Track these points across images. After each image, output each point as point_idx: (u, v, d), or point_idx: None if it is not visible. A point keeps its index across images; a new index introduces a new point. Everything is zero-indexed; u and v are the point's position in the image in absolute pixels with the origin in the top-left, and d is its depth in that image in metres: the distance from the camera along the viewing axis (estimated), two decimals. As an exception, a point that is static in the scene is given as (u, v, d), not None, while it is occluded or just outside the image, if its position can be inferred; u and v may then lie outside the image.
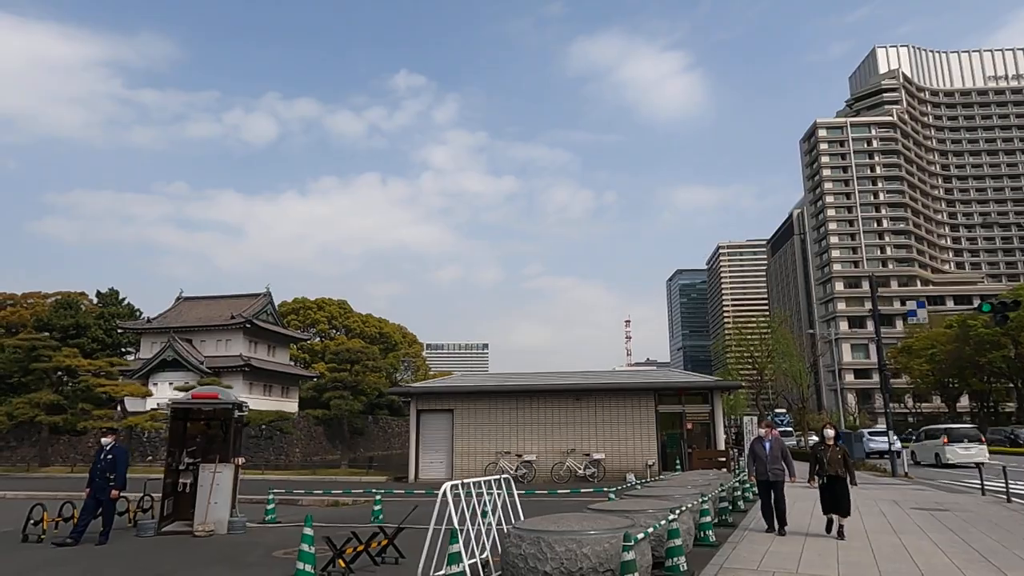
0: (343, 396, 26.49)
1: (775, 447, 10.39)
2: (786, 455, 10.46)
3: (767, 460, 10.32)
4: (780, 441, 10.56)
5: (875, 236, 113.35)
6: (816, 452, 10.10)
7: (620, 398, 22.83)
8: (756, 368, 26.82)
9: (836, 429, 10.41)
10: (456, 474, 23.82)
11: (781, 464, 10.32)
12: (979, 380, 64.82)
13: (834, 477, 9.76)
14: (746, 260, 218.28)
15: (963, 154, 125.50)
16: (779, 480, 10.26)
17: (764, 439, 10.44)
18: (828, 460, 9.83)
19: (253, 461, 38.61)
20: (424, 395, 24.61)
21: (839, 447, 9.96)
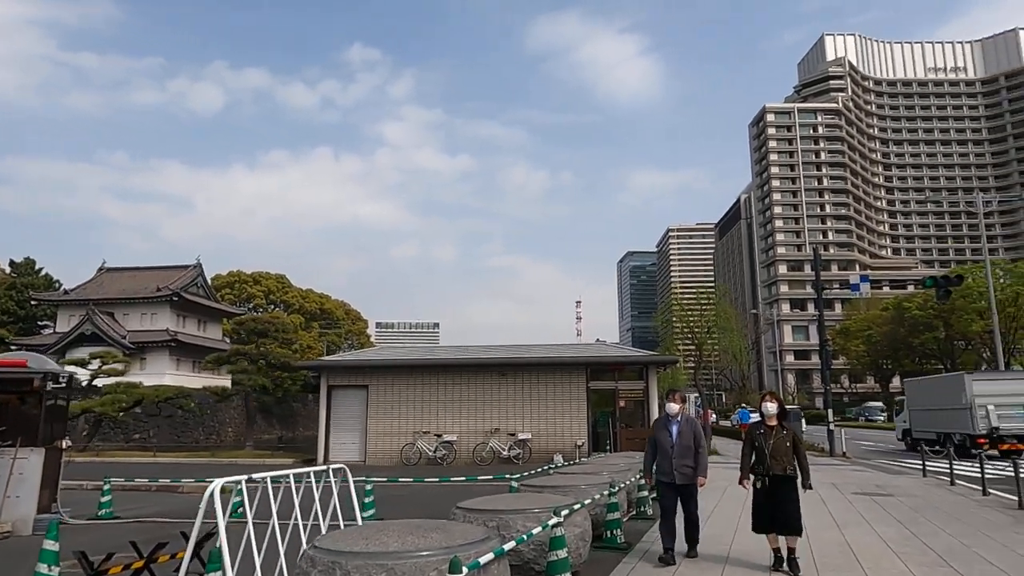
0: (246, 371, 23.98)
1: (686, 432, 6.82)
2: (700, 444, 6.84)
3: (673, 452, 6.76)
4: (694, 423, 6.99)
5: (818, 221, 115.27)
6: (752, 437, 6.48)
7: (549, 374, 21.09)
8: (695, 343, 25.52)
9: (780, 402, 6.52)
10: (370, 456, 21.75)
11: (693, 457, 6.78)
12: (911, 361, 66.21)
13: (779, 477, 6.23)
14: (695, 243, 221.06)
15: (902, 143, 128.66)
16: (691, 483, 6.81)
17: (671, 419, 6.90)
18: (771, 450, 6.25)
19: (180, 442, 35.97)
20: (335, 369, 22.34)
21: (786, 430, 6.39)
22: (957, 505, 10.86)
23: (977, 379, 22.63)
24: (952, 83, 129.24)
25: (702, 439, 6.90)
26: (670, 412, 6.90)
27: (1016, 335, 49.94)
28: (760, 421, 6.62)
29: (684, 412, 6.96)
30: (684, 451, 6.75)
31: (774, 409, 6.43)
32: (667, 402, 6.96)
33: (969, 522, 9.27)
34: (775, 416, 6.41)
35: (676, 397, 6.99)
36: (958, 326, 54.40)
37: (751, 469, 6.50)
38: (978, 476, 12.60)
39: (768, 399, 6.54)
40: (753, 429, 6.58)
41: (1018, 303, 49.48)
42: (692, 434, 6.82)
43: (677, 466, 6.73)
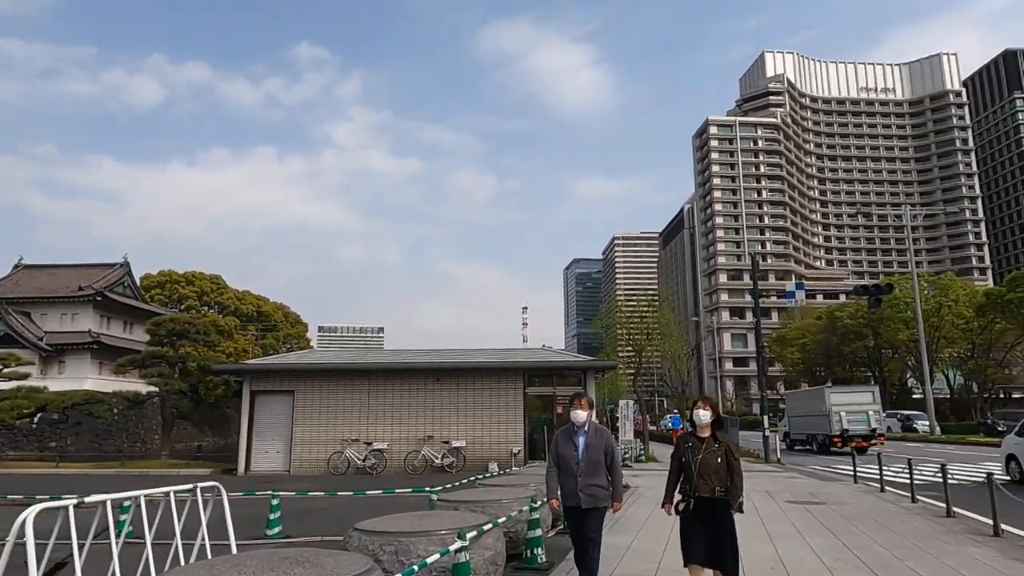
0: (162, 374, 22.38)
1: (595, 445, 5.42)
2: (613, 459, 5.47)
3: (578, 469, 5.35)
4: (605, 434, 5.62)
5: (757, 232, 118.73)
6: (680, 450, 5.24)
7: (486, 379, 20.40)
8: (635, 348, 25.34)
9: (715, 409, 5.28)
10: (295, 466, 20.56)
11: (603, 476, 5.39)
12: (843, 368, 68.54)
13: (707, 500, 4.99)
14: (640, 251, 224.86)
15: (836, 159, 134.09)
16: (598, 507, 5.37)
17: (577, 430, 5.50)
18: (700, 467, 5.03)
19: (100, 451, 33.71)
20: (260, 373, 21.07)
21: (719, 443, 5.15)
22: (888, 513, 10.70)
23: (833, 391, 28.08)
24: (882, 103, 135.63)
25: (615, 453, 5.51)
26: (576, 421, 5.47)
27: (938, 344, 52.16)
28: (690, 432, 5.30)
29: (593, 421, 5.61)
30: (592, 468, 5.32)
31: (707, 417, 5.12)
32: (572, 409, 5.52)
33: (900, 532, 9.05)
34: (708, 426, 5.14)
35: (582, 403, 5.50)
36: (886, 335, 56.51)
37: (678, 490, 5.22)
38: (906, 482, 12.58)
39: (701, 405, 5.20)
40: (681, 442, 5.28)
41: (940, 314, 51.73)
42: (603, 448, 5.40)
43: (583, 486, 5.29)
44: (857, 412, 26.12)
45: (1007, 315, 45.72)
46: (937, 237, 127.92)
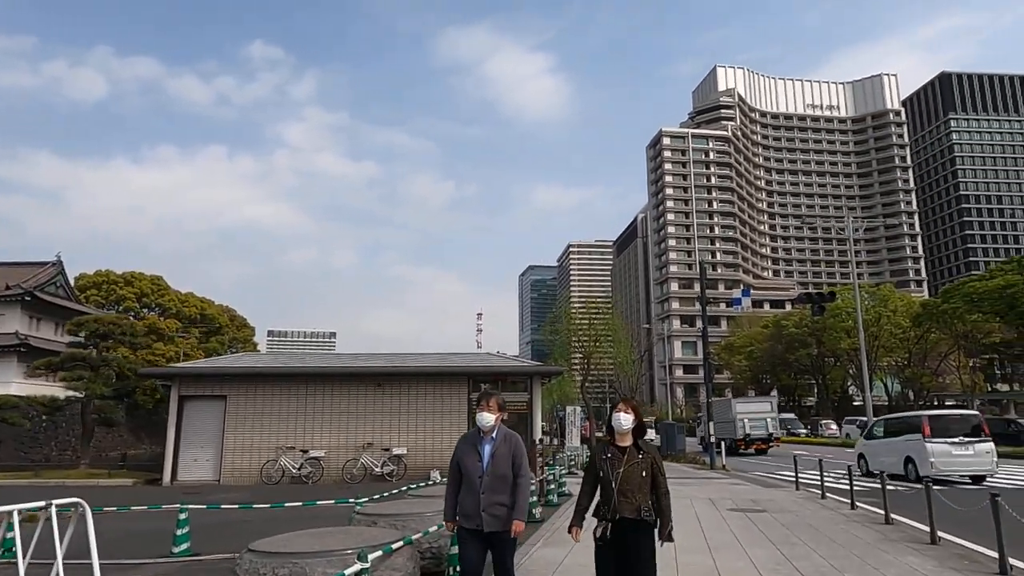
0: (83, 378, 20.98)
1: (502, 454, 4.51)
2: (520, 471, 4.50)
3: (481, 484, 4.43)
4: (515, 442, 4.63)
5: (708, 242, 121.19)
6: (596, 462, 4.39)
7: (429, 384, 19.76)
8: (583, 354, 25.13)
9: (637, 413, 4.43)
10: (226, 475, 19.48)
11: (510, 493, 4.46)
12: (788, 376, 70.28)
13: (629, 522, 4.17)
14: (594, 259, 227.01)
15: (783, 172, 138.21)
16: (505, 530, 4.44)
17: (483, 436, 4.58)
18: (621, 482, 4.20)
19: (26, 459, 31.54)
20: (189, 377, 19.93)
21: (644, 453, 4.32)
22: (828, 521, 10.56)
23: (738, 402, 33.54)
24: (827, 120, 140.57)
25: (524, 464, 4.50)
26: (483, 425, 4.52)
27: (878, 353, 53.86)
28: (608, 440, 4.40)
29: (502, 426, 4.65)
30: (499, 483, 4.39)
31: (628, 423, 4.26)
32: (478, 411, 4.56)
33: (839, 541, 8.86)
34: (630, 432, 4.28)
35: (490, 403, 4.55)
36: (829, 343, 58.12)
37: (595, 510, 4.31)
38: (847, 488, 12.53)
39: (621, 408, 4.34)
40: (598, 452, 4.40)
41: (880, 324, 53.46)
42: (511, 458, 4.45)
43: (486, 504, 4.35)
44: (757, 419, 30.36)
45: (941, 325, 47.53)
46: (877, 250, 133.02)
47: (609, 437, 4.42)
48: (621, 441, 4.33)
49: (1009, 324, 43.15)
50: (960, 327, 45.91)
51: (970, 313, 43.38)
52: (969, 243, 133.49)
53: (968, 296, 43.05)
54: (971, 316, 43.83)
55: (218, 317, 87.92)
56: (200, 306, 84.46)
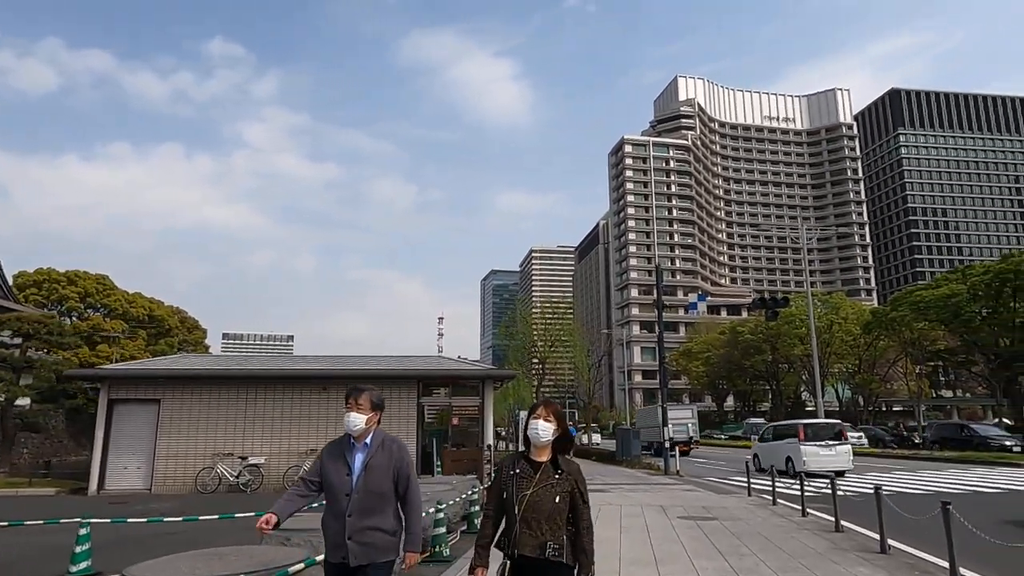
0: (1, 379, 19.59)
1: (380, 466, 3.50)
2: (408, 487, 3.55)
3: (349, 502, 3.41)
4: (398, 451, 3.60)
5: (667, 248, 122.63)
6: (501, 476, 3.34)
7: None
8: (539, 357, 24.71)
9: (560, 420, 3.38)
10: (158, 483, 18.37)
11: (390, 515, 3.51)
12: (744, 381, 71.28)
13: (530, 563, 3.14)
14: (556, 265, 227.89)
15: (741, 182, 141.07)
16: (378, 563, 3.42)
17: (354, 443, 3.56)
18: (526, 507, 3.17)
19: None
20: (120, 379, 18.77)
21: (562, 472, 3.27)
22: (778, 529, 10.27)
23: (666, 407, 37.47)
24: (783, 131, 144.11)
25: (411, 478, 3.55)
26: (351, 428, 3.51)
27: (829, 359, 54.94)
28: (522, 452, 3.42)
29: (380, 431, 3.61)
30: (371, 502, 3.41)
31: (548, 433, 3.26)
32: (347, 411, 3.56)
33: (789, 550, 8.54)
34: (549, 446, 3.29)
35: (360, 401, 3.56)
36: (783, 350, 59.09)
37: (496, 542, 3.30)
38: (798, 494, 12.33)
39: (540, 414, 3.31)
40: (505, 465, 3.37)
41: (832, 331, 54.57)
42: (391, 470, 3.48)
43: (354, 530, 3.35)
44: (680, 424, 33.35)
45: (890, 332, 48.70)
46: (830, 259, 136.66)
47: (523, 449, 3.41)
48: (537, 455, 3.31)
49: (953, 332, 44.39)
50: (907, 334, 47.09)
51: (917, 321, 44.50)
52: (916, 254, 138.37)
53: (915, 304, 44.14)
54: (918, 324, 44.98)
55: (167, 318, 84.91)
56: (148, 307, 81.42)
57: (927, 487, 17.09)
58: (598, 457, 31.61)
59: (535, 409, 3.40)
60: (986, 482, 18.11)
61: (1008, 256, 40.47)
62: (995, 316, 40.35)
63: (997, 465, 23.26)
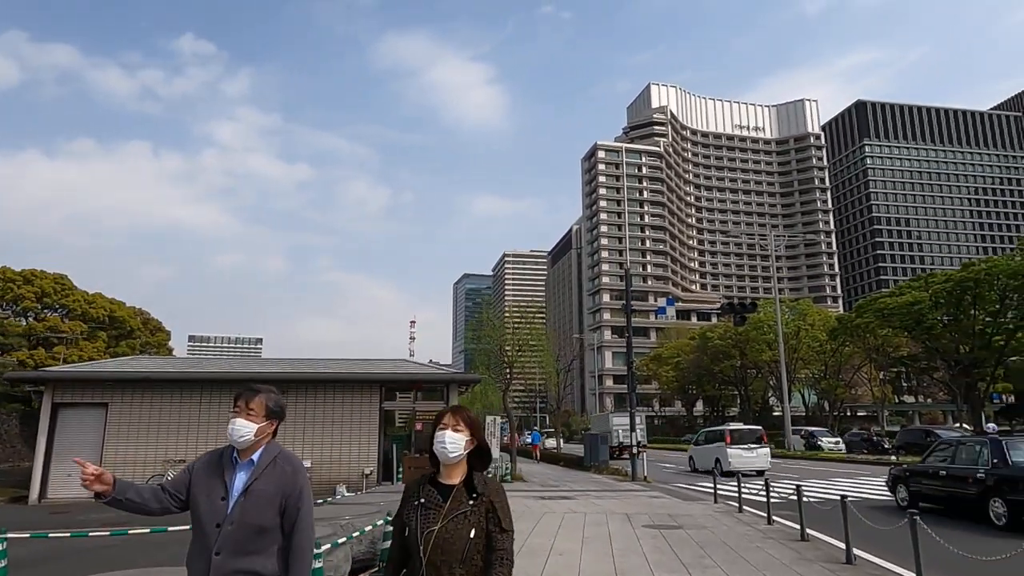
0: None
1: (264, 491, 2.66)
2: (298, 520, 2.69)
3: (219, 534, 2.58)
4: (292, 470, 2.75)
5: (639, 254, 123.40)
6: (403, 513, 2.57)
7: (338, 392, 18.42)
8: (506, 361, 24.33)
9: (475, 429, 2.65)
10: (104, 491, 17.49)
11: (269, 555, 2.64)
12: (713, 386, 71.79)
13: None
14: (529, 269, 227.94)
15: (712, 189, 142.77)
16: None
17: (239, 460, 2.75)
18: (434, 544, 2.43)
19: None
20: (65, 382, 17.89)
21: (477, 498, 2.53)
22: (743, 539, 10.01)
23: (613, 415, 39.51)
24: (753, 140, 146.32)
25: (302, 513, 2.71)
26: (236, 439, 2.72)
27: (796, 365, 55.53)
28: (431, 474, 2.66)
29: (274, 445, 2.83)
30: (246, 538, 2.60)
31: (457, 446, 2.57)
32: (232, 416, 2.76)
33: (754, 562, 8.27)
34: (463, 462, 2.62)
35: (253, 406, 2.76)
36: (752, 355, 59.57)
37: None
38: (764, 501, 12.12)
39: (448, 423, 2.61)
40: (410, 492, 2.63)
41: (799, 336, 55.18)
42: (279, 499, 2.68)
43: (220, 573, 2.54)
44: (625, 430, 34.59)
45: (855, 339, 49.39)
46: (797, 267, 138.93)
47: (433, 470, 2.65)
48: (447, 476, 2.59)
49: (916, 339, 45.17)
50: (872, 341, 47.79)
51: (881, 327, 45.17)
52: (880, 262, 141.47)
53: (879, 311, 44.81)
54: (882, 330, 45.66)
55: (129, 320, 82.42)
56: (109, 308, 78.94)
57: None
58: (566, 463, 31.29)
59: (441, 417, 2.66)
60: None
61: (968, 265, 41.31)
62: (956, 323, 41.14)
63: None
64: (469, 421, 2.66)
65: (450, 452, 2.57)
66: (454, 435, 2.59)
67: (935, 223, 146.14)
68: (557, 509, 14.09)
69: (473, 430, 2.65)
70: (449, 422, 2.62)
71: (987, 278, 38.17)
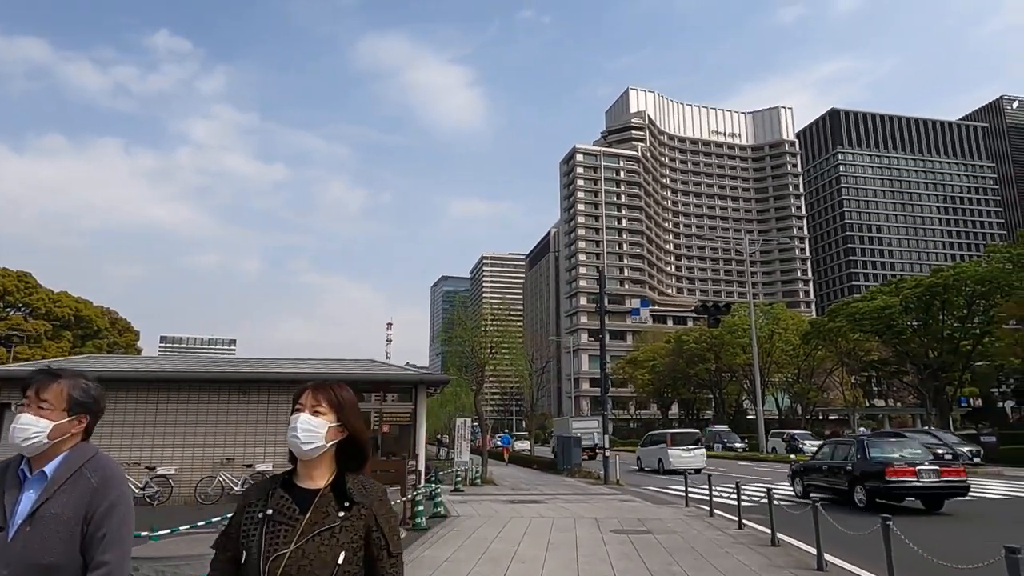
0: None
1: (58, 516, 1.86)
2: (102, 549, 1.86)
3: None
4: (103, 481, 1.95)
5: (616, 258, 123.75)
6: (236, 520, 1.89)
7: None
8: (477, 362, 23.92)
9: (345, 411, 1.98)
10: (53, 496, 16.67)
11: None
12: (688, 390, 72.04)
13: None
14: (507, 272, 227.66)
15: (689, 194, 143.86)
16: None
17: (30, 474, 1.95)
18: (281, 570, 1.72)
19: None
20: (8, 382, 17.01)
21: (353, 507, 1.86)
22: (712, 544, 9.70)
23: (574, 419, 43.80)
24: (729, 146, 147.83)
25: (110, 543, 1.89)
26: (23, 441, 1.94)
27: (770, 369, 55.91)
28: (286, 473, 1.99)
29: (80, 448, 2.04)
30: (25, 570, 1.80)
31: (316, 435, 1.89)
32: (18, 412, 2.02)
33: (723, 568, 7.94)
34: (329, 458, 1.95)
35: (46, 397, 2.01)
36: (726, 359, 59.87)
37: None
38: (734, 504, 11.86)
39: (305, 403, 1.96)
40: (248, 503, 1.91)
41: (772, 340, 55.57)
42: (79, 525, 1.89)
43: None
44: (588, 433, 36.35)
45: (827, 343, 49.85)
46: (771, 272, 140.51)
47: (291, 467, 2.00)
48: (306, 478, 1.93)
49: (886, 343, 45.70)
50: (844, 345, 48.25)
51: (853, 331, 45.61)
52: (852, 268, 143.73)
53: (851, 315, 45.26)
54: (853, 335, 46.12)
55: (96, 319, 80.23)
56: (75, 307, 76.78)
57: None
58: (540, 466, 30.94)
59: (298, 397, 1.99)
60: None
61: (938, 271, 41.91)
62: (925, 328, 41.68)
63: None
64: (336, 402, 1.96)
65: (303, 443, 1.87)
66: (309, 420, 1.90)
67: (905, 230, 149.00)
68: (525, 513, 13.70)
69: (341, 414, 1.95)
70: (307, 402, 1.95)
71: (956, 283, 38.72)
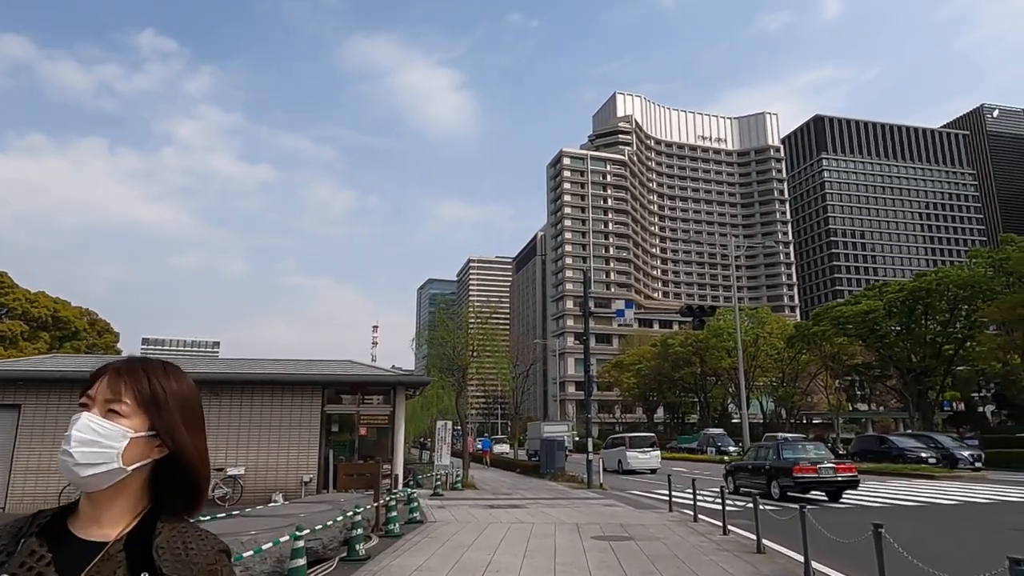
0: None
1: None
2: None
3: None
4: None
5: (603, 261, 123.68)
6: None
7: (277, 394, 17.28)
8: (460, 364, 23.50)
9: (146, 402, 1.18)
10: (14, 501, 16.04)
11: None
12: (673, 393, 71.96)
13: None
14: (493, 275, 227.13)
15: (675, 198, 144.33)
16: None
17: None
18: None
19: None
20: None
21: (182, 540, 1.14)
22: (696, 551, 9.36)
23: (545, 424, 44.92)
24: (715, 151, 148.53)
25: None
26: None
27: (755, 372, 55.93)
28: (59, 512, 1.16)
29: None
30: None
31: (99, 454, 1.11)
32: None
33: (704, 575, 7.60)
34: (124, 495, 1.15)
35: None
36: (711, 362, 59.85)
37: None
38: (719, 509, 11.54)
39: (95, 398, 1.18)
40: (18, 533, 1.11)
41: (757, 344, 55.61)
42: None
43: None
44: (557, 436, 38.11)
45: (811, 347, 49.92)
46: (757, 276, 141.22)
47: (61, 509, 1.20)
48: (89, 520, 1.14)
49: (870, 347, 45.81)
50: (828, 349, 48.32)
51: (837, 335, 45.68)
52: (836, 273, 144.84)
53: (835, 319, 45.32)
54: (838, 339, 46.19)
55: (74, 320, 78.52)
56: (53, 307, 75.09)
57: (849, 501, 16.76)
58: (523, 469, 30.55)
59: (88, 385, 1.22)
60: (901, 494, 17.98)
61: (921, 275, 42.08)
62: (908, 332, 41.81)
63: (914, 477, 23.49)
64: (150, 396, 1.20)
65: (78, 463, 1.11)
66: (98, 425, 1.15)
67: (888, 235, 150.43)
68: (504, 519, 13.30)
69: (158, 417, 1.20)
70: (99, 396, 1.18)
71: (938, 288, 38.88)
